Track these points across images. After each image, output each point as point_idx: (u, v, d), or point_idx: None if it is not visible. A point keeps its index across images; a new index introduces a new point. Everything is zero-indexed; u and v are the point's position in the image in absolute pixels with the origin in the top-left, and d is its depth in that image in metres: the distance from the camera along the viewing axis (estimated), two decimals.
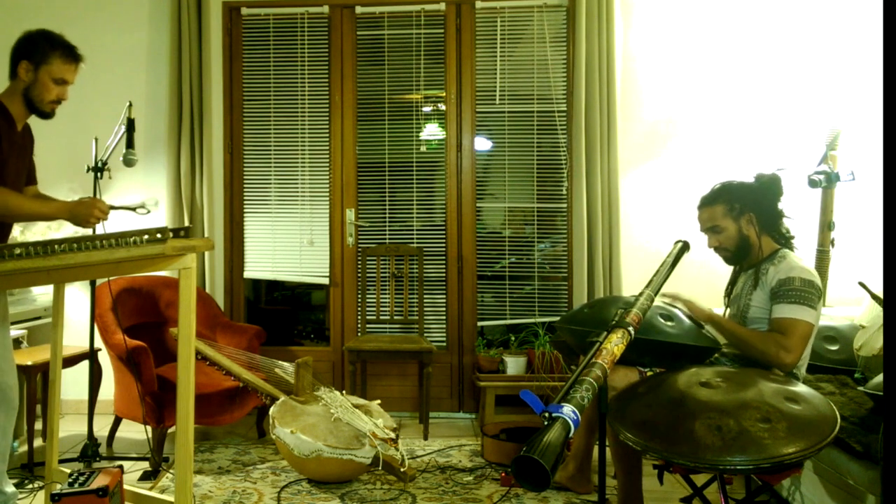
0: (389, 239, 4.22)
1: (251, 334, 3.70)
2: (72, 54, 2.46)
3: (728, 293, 2.65)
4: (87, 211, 2.46)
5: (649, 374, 2.43)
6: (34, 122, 2.54)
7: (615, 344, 2.05)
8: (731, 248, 2.54)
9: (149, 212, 3.07)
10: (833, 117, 3.53)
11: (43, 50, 2.41)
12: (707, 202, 2.57)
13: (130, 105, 3.02)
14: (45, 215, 2.52)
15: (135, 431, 3.60)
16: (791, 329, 2.28)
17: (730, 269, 2.71)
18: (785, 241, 2.53)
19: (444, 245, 4.20)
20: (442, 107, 4.23)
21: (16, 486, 2.63)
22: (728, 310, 2.62)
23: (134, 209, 3.05)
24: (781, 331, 2.29)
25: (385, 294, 4.13)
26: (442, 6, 4.14)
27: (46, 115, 2.48)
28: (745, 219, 2.50)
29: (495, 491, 2.93)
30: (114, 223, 2.83)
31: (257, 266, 4.31)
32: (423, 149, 4.27)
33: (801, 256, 2.49)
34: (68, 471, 2.39)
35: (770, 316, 2.36)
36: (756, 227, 2.50)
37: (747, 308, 2.46)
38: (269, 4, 4.22)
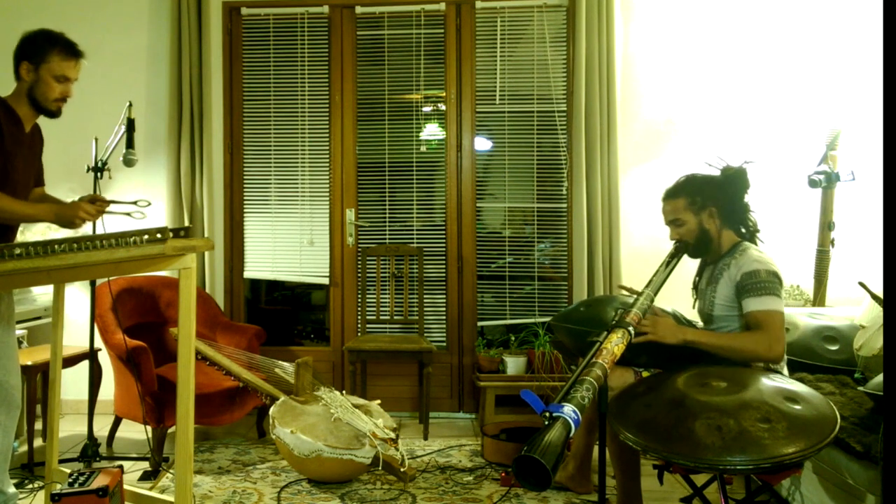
0: (389, 239, 4.22)
1: (251, 334, 3.70)
2: (71, 50, 2.44)
3: (695, 285, 2.65)
4: (71, 212, 2.43)
5: (645, 374, 2.43)
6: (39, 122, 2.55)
7: (615, 344, 2.05)
8: (690, 241, 2.52)
9: (149, 204, 2.93)
10: (833, 117, 3.53)
11: (42, 49, 2.40)
12: (670, 195, 2.56)
13: (130, 105, 3.02)
14: (30, 217, 2.48)
15: (135, 431, 3.60)
16: (769, 321, 2.27)
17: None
18: (749, 234, 2.51)
19: (444, 245, 4.20)
20: (442, 107, 4.22)
21: (16, 486, 2.63)
22: (696, 303, 2.62)
23: (132, 208, 2.98)
24: (760, 324, 2.28)
25: (385, 294, 4.13)
26: (442, 6, 4.13)
27: (52, 113, 2.47)
28: (706, 213, 2.49)
29: (495, 491, 2.93)
30: (113, 223, 2.83)
31: (257, 266, 4.31)
32: (423, 149, 4.27)
33: (763, 249, 2.46)
34: (68, 471, 2.39)
35: (742, 310, 2.34)
36: (718, 221, 2.49)
37: (712, 305, 2.46)
38: (269, 4, 4.22)
